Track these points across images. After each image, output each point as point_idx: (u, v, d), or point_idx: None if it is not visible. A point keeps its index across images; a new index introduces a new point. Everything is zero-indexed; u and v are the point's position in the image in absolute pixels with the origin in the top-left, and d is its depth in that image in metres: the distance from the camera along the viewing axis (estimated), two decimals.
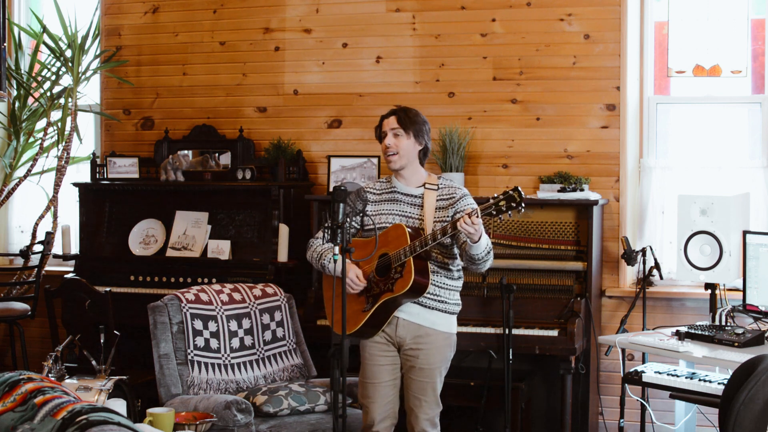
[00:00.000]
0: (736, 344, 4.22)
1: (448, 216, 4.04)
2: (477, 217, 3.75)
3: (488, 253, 3.95)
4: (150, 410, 3.83)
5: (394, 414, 4.13)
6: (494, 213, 3.78)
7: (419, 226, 4.04)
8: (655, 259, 5.10)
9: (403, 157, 4.08)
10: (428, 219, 4.02)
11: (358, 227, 4.17)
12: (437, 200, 4.07)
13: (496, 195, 3.79)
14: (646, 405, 4.88)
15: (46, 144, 6.39)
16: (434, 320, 4.05)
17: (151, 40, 6.22)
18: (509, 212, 3.77)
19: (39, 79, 6.47)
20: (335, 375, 3.64)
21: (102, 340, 4.36)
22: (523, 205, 3.74)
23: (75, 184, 6.04)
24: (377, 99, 5.74)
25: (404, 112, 4.10)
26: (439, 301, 4.04)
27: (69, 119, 6.12)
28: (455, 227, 3.80)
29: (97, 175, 6.00)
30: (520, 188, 3.74)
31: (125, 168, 5.96)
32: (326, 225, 3.96)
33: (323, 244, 4.14)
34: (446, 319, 4.08)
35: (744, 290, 4.62)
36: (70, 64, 6.15)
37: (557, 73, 5.50)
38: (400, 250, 3.93)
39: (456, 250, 4.05)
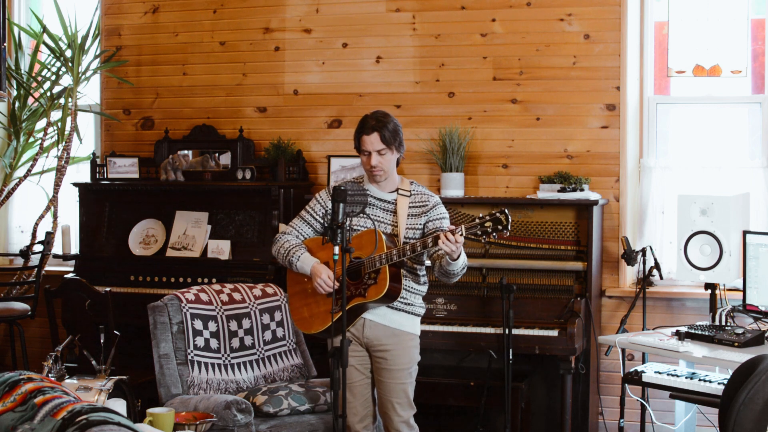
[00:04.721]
0: (736, 344, 4.22)
1: (419, 223, 4.05)
2: (461, 236, 3.74)
3: (463, 269, 3.97)
4: (150, 410, 3.83)
5: (372, 413, 4.16)
6: (479, 233, 3.76)
7: (393, 232, 4.04)
8: (655, 259, 5.10)
9: (388, 171, 4.08)
10: (401, 225, 4.03)
11: (348, 229, 4.16)
12: (410, 207, 4.07)
13: (482, 215, 3.77)
14: (646, 405, 4.88)
15: (46, 144, 6.39)
16: (401, 321, 4.07)
17: (151, 40, 6.22)
18: (494, 234, 3.73)
19: (39, 79, 6.47)
20: (335, 375, 3.65)
21: (102, 340, 4.35)
22: (509, 228, 3.71)
23: (75, 184, 6.04)
24: (377, 99, 5.74)
25: (384, 127, 4.01)
26: (406, 304, 4.07)
27: (69, 119, 6.12)
28: (436, 243, 3.79)
29: (97, 175, 6.00)
30: (507, 211, 3.72)
31: (125, 168, 5.96)
32: (297, 220, 4.12)
33: (292, 240, 4.13)
34: (412, 320, 4.11)
35: (744, 290, 4.62)
36: (70, 64, 6.15)
37: (557, 73, 5.50)
38: (375, 256, 3.92)
39: (425, 258, 4.06)
